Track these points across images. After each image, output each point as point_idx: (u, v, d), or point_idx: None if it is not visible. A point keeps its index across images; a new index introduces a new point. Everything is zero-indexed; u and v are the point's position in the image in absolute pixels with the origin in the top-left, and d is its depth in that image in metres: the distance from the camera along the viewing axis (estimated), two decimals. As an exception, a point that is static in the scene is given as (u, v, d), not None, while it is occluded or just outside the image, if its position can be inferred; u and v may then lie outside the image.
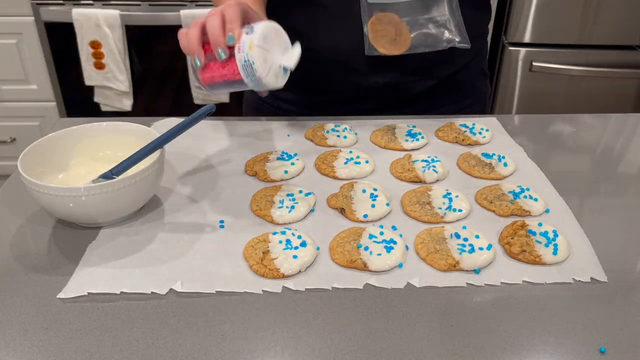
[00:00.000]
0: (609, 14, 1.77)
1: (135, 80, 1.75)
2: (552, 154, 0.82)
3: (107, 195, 0.59)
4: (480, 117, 0.91)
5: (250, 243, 0.61)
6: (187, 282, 0.55)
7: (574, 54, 1.83)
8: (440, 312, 0.52)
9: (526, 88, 1.90)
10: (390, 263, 0.57)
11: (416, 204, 0.68)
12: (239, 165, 0.77)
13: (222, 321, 0.51)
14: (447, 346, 0.49)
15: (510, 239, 0.61)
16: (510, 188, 0.70)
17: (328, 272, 0.57)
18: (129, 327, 0.50)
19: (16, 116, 1.92)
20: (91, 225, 0.63)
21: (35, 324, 0.51)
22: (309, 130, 0.86)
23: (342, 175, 0.74)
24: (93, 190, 0.58)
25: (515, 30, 1.81)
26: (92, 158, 0.70)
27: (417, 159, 0.76)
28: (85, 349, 0.48)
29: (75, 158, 0.70)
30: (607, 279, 0.56)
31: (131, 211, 0.64)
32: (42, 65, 1.82)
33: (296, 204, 0.66)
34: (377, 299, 0.54)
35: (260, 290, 0.55)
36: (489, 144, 0.83)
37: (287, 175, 0.74)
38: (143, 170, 0.61)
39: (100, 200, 0.59)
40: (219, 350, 0.48)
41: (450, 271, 0.57)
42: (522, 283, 0.56)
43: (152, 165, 0.62)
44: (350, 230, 0.63)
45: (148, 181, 0.62)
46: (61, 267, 0.58)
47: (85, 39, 1.68)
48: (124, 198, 0.61)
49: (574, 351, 0.48)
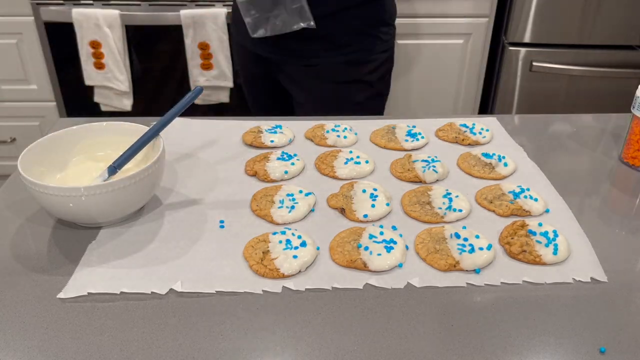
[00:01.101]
0: (609, 14, 1.77)
1: (135, 80, 1.75)
2: (552, 154, 0.82)
3: (107, 195, 0.59)
4: (480, 117, 0.91)
5: (250, 243, 0.61)
6: (187, 282, 0.55)
7: (574, 54, 1.83)
8: (440, 312, 0.52)
9: (526, 88, 1.90)
10: (390, 263, 0.57)
11: (416, 204, 0.68)
12: (239, 165, 0.77)
13: (222, 321, 0.51)
14: (447, 346, 0.49)
15: (510, 239, 0.61)
16: (510, 188, 0.70)
17: (328, 272, 0.57)
18: (129, 327, 0.50)
19: (16, 116, 1.92)
20: (91, 225, 0.63)
21: (35, 324, 0.51)
22: (309, 130, 0.86)
23: (342, 175, 0.74)
24: (93, 190, 0.58)
25: (515, 30, 1.81)
26: (91, 158, 0.70)
27: (417, 159, 0.76)
28: (85, 349, 0.48)
29: (75, 157, 0.70)
30: (607, 279, 0.56)
31: (131, 211, 0.64)
32: (42, 65, 1.82)
33: (296, 204, 0.66)
34: (377, 299, 0.54)
35: (260, 290, 0.55)
36: (489, 144, 0.83)
37: (287, 175, 0.74)
38: (143, 170, 0.60)
39: (100, 201, 0.59)
40: (219, 350, 0.48)
41: (450, 271, 0.57)
42: (522, 283, 0.56)
43: (152, 165, 0.62)
44: (350, 230, 0.63)
45: (148, 181, 0.62)
46: (61, 267, 0.58)
47: (85, 39, 1.68)
48: (124, 198, 0.61)
49: (574, 351, 0.48)
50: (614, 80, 1.88)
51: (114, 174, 0.64)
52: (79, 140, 0.70)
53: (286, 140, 0.83)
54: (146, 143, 0.66)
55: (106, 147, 0.71)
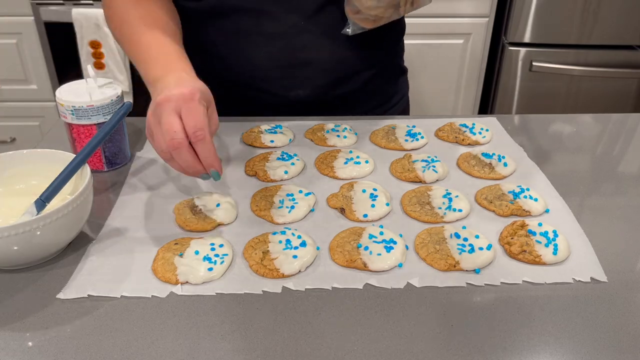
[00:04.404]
0: (609, 14, 1.77)
1: (135, 80, 1.75)
2: (552, 154, 0.82)
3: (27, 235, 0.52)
4: (480, 117, 0.91)
5: (250, 243, 0.61)
6: (187, 285, 0.55)
7: (574, 54, 1.83)
8: (440, 312, 0.52)
9: (526, 88, 1.90)
10: (390, 263, 0.57)
11: (416, 204, 0.68)
12: (239, 165, 0.77)
13: (222, 321, 0.51)
14: (447, 346, 0.49)
15: (510, 239, 0.61)
16: (510, 188, 0.70)
17: (328, 272, 0.57)
18: (129, 327, 0.50)
19: (16, 116, 1.92)
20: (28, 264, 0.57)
21: (35, 324, 0.51)
22: (309, 130, 0.86)
23: (342, 175, 0.74)
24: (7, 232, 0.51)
25: (515, 30, 1.81)
26: (6, 193, 0.63)
27: (417, 159, 0.76)
28: (85, 349, 0.48)
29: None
30: (607, 279, 0.56)
31: (53, 251, 0.58)
32: (42, 65, 1.82)
33: (296, 204, 0.66)
34: (377, 299, 0.54)
35: (260, 290, 0.55)
36: (489, 144, 0.83)
37: (287, 175, 0.74)
38: (70, 201, 0.55)
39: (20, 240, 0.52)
40: (219, 350, 0.48)
41: (450, 271, 0.57)
42: (522, 283, 0.56)
43: (79, 195, 0.56)
44: (350, 230, 0.63)
45: (72, 216, 0.56)
46: (61, 267, 0.58)
47: (85, 39, 1.68)
48: (47, 238, 0.55)
49: (574, 351, 0.48)
50: (614, 80, 1.88)
51: (43, 209, 0.57)
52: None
53: (286, 140, 0.83)
54: (75, 171, 0.59)
55: (20, 179, 0.64)
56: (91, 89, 0.73)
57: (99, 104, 0.71)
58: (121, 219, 0.65)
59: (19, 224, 0.52)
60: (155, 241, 0.61)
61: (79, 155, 0.60)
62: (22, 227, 0.52)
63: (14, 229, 0.51)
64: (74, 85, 0.75)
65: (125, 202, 0.68)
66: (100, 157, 0.75)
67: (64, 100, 0.70)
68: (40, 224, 0.53)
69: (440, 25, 1.84)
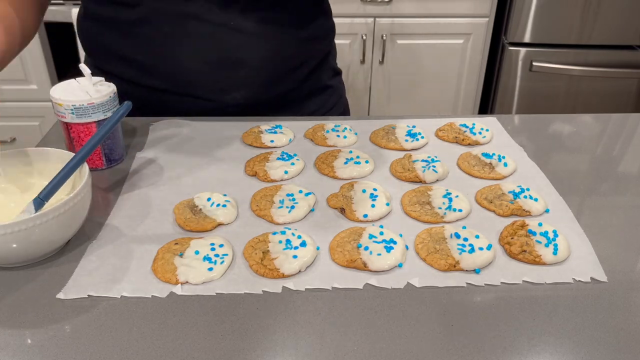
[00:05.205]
0: (609, 14, 1.77)
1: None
2: (552, 154, 0.82)
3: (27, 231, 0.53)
4: (480, 117, 0.91)
5: (250, 243, 0.61)
6: (187, 285, 0.55)
7: (574, 54, 1.83)
8: (440, 312, 0.52)
9: (526, 88, 1.90)
10: (390, 263, 0.57)
11: (416, 204, 0.68)
12: (239, 166, 0.77)
13: (222, 321, 0.51)
14: (447, 346, 0.49)
15: (510, 239, 0.61)
16: (510, 188, 0.70)
17: (328, 272, 0.57)
18: (129, 327, 0.50)
19: (16, 116, 1.92)
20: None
21: (35, 324, 0.51)
22: (309, 130, 0.86)
23: (342, 175, 0.74)
24: (26, 224, 0.52)
25: (515, 30, 1.81)
26: (5, 192, 0.64)
27: (417, 158, 0.76)
28: (85, 349, 0.48)
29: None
30: (607, 279, 0.56)
31: (54, 247, 0.58)
32: (42, 65, 1.82)
33: (296, 204, 0.66)
34: (377, 299, 0.54)
35: (260, 291, 0.55)
36: (489, 144, 0.83)
37: (287, 175, 0.74)
38: (69, 199, 0.55)
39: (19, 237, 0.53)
40: (219, 350, 0.48)
41: (450, 271, 0.57)
42: (522, 283, 0.56)
43: (78, 193, 0.56)
44: (350, 230, 0.63)
45: (71, 213, 0.56)
46: (61, 265, 0.58)
47: (85, 39, 1.68)
48: (47, 236, 0.55)
49: (574, 351, 0.48)
50: (614, 80, 1.88)
51: (41, 207, 0.57)
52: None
53: (286, 140, 0.83)
54: (74, 169, 0.59)
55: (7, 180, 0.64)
56: (86, 87, 0.73)
57: (98, 101, 0.71)
58: (121, 219, 0.65)
59: (17, 222, 0.52)
60: (155, 241, 0.61)
61: (78, 153, 0.60)
62: (20, 225, 0.52)
63: (12, 226, 0.52)
64: (66, 85, 0.75)
65: (125, 201, 0.68)
66: (100, 155, 0.75)
67: (62, 100, 0.70)
68: (38, 222, 0.53)
69: (440, 25, 1.84)
